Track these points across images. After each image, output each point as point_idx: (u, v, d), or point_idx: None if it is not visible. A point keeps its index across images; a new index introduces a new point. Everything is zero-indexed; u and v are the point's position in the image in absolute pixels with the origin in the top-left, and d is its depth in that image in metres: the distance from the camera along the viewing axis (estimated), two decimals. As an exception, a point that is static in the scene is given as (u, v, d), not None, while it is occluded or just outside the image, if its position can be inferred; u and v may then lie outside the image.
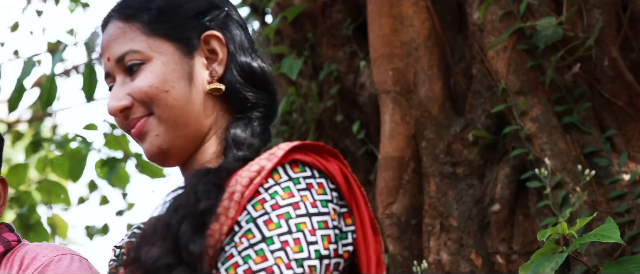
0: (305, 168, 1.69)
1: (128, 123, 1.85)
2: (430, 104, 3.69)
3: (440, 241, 3.48)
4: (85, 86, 4.24)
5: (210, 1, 1.89)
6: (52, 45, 6.50)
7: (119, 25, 1.86)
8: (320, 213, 1.65)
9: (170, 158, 1.84)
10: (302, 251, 1.62)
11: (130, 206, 6.78)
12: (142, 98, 1.81)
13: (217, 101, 1.84)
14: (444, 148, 3.61)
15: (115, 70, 1.86)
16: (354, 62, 4.18)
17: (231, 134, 1.81)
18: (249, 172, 1.68)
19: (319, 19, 4.25)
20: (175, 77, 1.81)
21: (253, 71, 1.86)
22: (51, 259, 2.18)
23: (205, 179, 1.72)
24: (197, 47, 1.84)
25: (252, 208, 1.65)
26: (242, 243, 1.62)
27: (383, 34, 3.76)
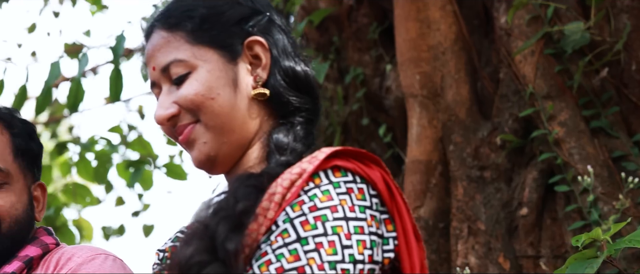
0: (347, 173, 1.71)
1: (176, 131, 1.87)
2: (457, 108, 3.72)
3: (468, 244, 3.51)
4: (112, 89, 4.29)
5: (252, 7, 1.90)
6: (69, 46, 6.57)
7: (162, 34, 1.88)
8: (358, 218, 1.66)
9: (218, 165, 1.86)
10: (336, 253, 1.63)
11: (146, 207, 6.83)
12: (188, 106, 1.83)
13: (261, 106, 1.86)
14: (471, 152, 3.64)
15: (160, 79, 1.88)
16: (380, 66, 4.21)
17: (274, 139, 1.83)
18: (290, 175, 1.70)
19: (344, 23, 4.29)
20: (220, 84, 1.83)
21: (296, 75, 1.88)
22: (85, 259, 2.23)
23: (246, 182, 1.74)
24: (241, 53, 1.86)
25: (291, 209, 1.67)
26: (277, 241, 1.65)
27: (410, 38, 3.79)
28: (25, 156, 2.37)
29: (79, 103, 4.28)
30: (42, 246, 2.32)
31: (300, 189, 1.68)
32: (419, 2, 3.80)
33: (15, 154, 2.34)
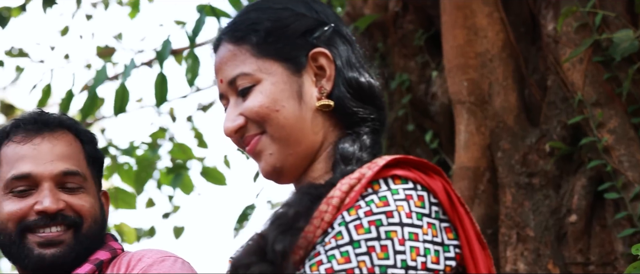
0: (408, 181, 1.74)
1: (243, 141, 1.92)
2: (505, 115, 3.77)
3: (516, 251, 3.56)
4: (157, 93, 4.36)
5: (317, 18, 1.94)
6: (101, 49, 6.66)
7: (229, 47, 1.93)
8: (414, 224, 1.70)
9: (284, 176, 1.91)
10: (387, 258, 1.67)
11: (176, 209, 6.90)
12: (254, 118, 1.88)
13: (326, 117, 1.89)
14: (519, 159, 3.69)
15: (228, 91, 1.93)
16: (425, 72, 4.27)
17: (339, 150, 1.86)
18: (349, 180, 1.75)
19: (390, 29, 4.34)
20: (284, 96, 1.87)
21: (361, 86, 1.91)
22: (155, 260, 2.31)
23: (304, 191, 1.80)
24: (305, 65, 1.89)
25: (347, 213, 1.71)
26: (330, 243, 1.70)
27: (457, 45, 3.84)
28: (95, 164, 2.49)
29: (125, 106, 4.36)
30: (110, 251, 2.42)
31: (359, 194, 1.72)
32: (466, 9, 3.85)
33: (87, 161, 2.46)
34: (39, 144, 2.41)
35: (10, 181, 2.39)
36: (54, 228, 2.37)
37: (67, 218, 2.37)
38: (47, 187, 2.37)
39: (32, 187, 2.39)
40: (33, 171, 2.38)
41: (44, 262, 2.35)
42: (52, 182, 2.38)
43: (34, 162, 2.39)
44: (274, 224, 1.76)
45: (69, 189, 2.40)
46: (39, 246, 2.36)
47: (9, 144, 2.44)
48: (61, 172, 2.39)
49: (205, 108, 7.04)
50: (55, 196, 2.37)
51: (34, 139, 2.42)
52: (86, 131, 2.52)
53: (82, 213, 2.39)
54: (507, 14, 3.92)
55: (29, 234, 2.37)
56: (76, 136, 2.47)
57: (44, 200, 2.36)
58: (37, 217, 2.36)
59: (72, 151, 2.44)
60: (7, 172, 2.40)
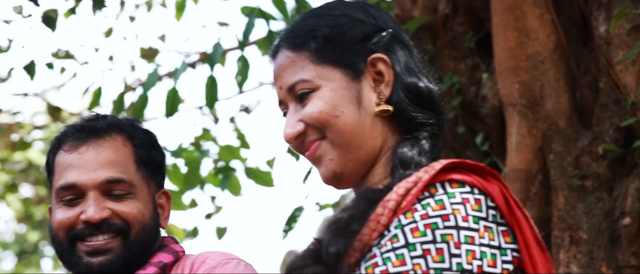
0: (465, 185, 1.76)
1: (303, 147, 1.95)
2: (557, 117, 3.78)
3: (570, 254, 3.57)
4: (207, 95, 4.42)
5: (375, 24, 1.95)
6: (144, 51, 6.73)
7: (288, 54, 1.96)
8: (470, 228, 1.71)
9: (344, 181, 1.93)
10: (443, 261, 1.69)
11: (218, 210, 6.94)
12: (314, 123, 1.90)
13: (385, 122, 1.91)
14: (572, 161, 3.70)
15: (287, 98, 1.96)
16: (475, 74, 4.28)
17: (398, 154, 1.87)
18: (406, 183, 1.77)
19: (439, 31, 4.37)
20: (344, 102, 1.89)
21: (419, 91, 1.92)
22: (219, 262, 2.34)
23: (361, 195, 1.83)
24: (364, 70, 1.91)
25: (403, 216, 1.73)
26: (386, 245, 1.72)
27: (508, 47, 3.86)
28: (148, 166, 2.47)
29: (176, 109, 4.42)
30: (173, 253, 2.45)
31: (415, 197, 1.75)
32: (517, 10, 3.87)
33: (138, 165, 2.45)
34: (84, 152, 2.43)
35: (59, 190, 2.43)
36: (100, 236, 2.39)
37: (113, 225, 2.39)
38: (92, 197, 2.39)
39: (78, 196, 2.41)
40: (78, 180, 2.40)
41: (92, 270, 2.39)
42: (97, 191, 2.40)
43: (79, 171, 2.41)
44: (329, 228, 1.79)
45: (115, 196, 2.41)
46: (87, 254, 2.39)
47: (60, 153, 2.47)
48: (105, 180, 2.40)
49: (247, 109, 7.09)
50: (100, 205, 2.39)
51: (80, 148, 2.44)
52: (142, 131, 2.52)
53: (128, 219, 2.40)
54: (558, 15, 3.93)
55: (78, 242, 2.40)
56: (128, 138, 2.48)
57: (88, 209, 2.38)
58: (84, 226, 2.39)
59: (119, 157, 2.45)
60: (57, 182, 2.44)
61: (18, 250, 13.85)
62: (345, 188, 1.96)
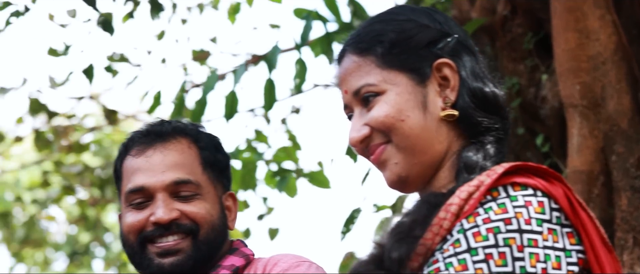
0: (527, 188, 1.76)
1: (368, 151, 1.97)
2: (619, 118, 3.78)
3: (633, 255, 3.57)
4: (266, 98, 4.47)
5: (440, 29, 1.97)
6: (196, 53, 6.80)
7: (354, 59, 1.98)
8: (533, 231, 1.72)
9: (409, 185, 1.94)
10: (505, 265, 1.69)
11: (270, 210, 6.98)
12: (379, 127, 1.92)
13: (450, 127, 1.93)
14: (634, 162, 3.69)
15: (352, 102, 1.98)
16: (535, 76, 4.29)
17: (463, 159, 1.89)
18: (468, 187, 1.78)
19: (498, 33, 4.38)
20: (409, 106, 1.91)
21: (485, 96, 1.94)
22: (291, 264, 2.39)
23: (423, 199, 1.85)
24: (430, 75, 1.93)
25: (466, 220, 1.75)
26: (449, 250, 1.74)
27: (569, 49, 3.87)
28: (214, 168, 2.53)
29: (235, 112, 4.48)
30: (244, 257, 2.49)
31: (478, 202, 1.76)
32: (577, 12, 3.88)
33: (203, 167, 2.51)
34: (151, 155, 2.49)
35: (128, 194, 2.49)
36: (170, 237, 2.44)
37: (182, 226, 2.44)
38: (160, 198, 2.44)
39: (147, 199, 2.47)
40: (146, 183, 2.46)
41: (163, 271, 2.43)
42: (165, 193, 2.45)
43: (147, 174, 2.47)
44: (391, 233, 1.81)
45: (183, 197, 2.46)
46: (158, 255, 2.43)
47: (127, 158, 2.53)
48: (173, 181, 2.46)
49: (298, 111, 7.13)
50: (169, 206, 2.44)
51: (146, 152, 2.50)
52: (206, 135, 2.57)
53: (197, 220, 2.45)
54: (619, 16, 3.92)
55: (149, 244, 2.45)
56: (193, 141, 2.53)
57: (157, 211, 2.43)
58: (154, 228, 2.43)
59: (185, 159, 2.50)
60: (125, 186, 2.50)
61: (70, 251, 14.03)
62: (410, 192, 1.97)
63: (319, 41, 4.61)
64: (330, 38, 4.48)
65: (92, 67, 5.44)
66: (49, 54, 6.04)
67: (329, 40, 4.46)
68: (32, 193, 10.41)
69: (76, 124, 7.46)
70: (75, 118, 7.36)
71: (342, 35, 4.55)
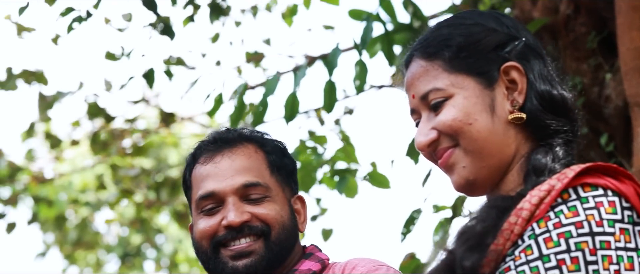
0: (598, 188, 1.78)
1: (436, 154, 1.99)
2: (685, 116, 3.77)
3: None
4: (326, 100, 4.51)
5: (508, 33, 2.00)
6: (250, 55, 6.86)
7: (421, 63, 2.01)
8: (605, 232, 1.73)
9: (477, 188, 1.97)
10: (579, 270, 1.71)
11: (323, 211, 7.01)
12: (447, 131, 1.95)
13: (518, 130, 1.95)
14: (701, 161, 3.69)
15: (420, 106, 2.01)
16: (598, 75, 4.29)
17: (532, 161, 1.90)
18: (539, 192, 1.80)
19: (561, 32, 4.38)
20: (477, 110, 1.94)
21: (553, 99, 1.97)
22: (369, 269, 2.43)
23: (491, 204, 1.87)
24: (497, 78, 1.96)
25: (536, 225, 1.76)
26: (520, 257, 1.75)
27: (635, 47, 3.86)
28: (281, 171, 2.60)
29: (295, 115, 4.52)
30: (319, 261, 2.55)
31: (549, 206, 1.77)
32: (642, 10, 3.88)
33: (271, 170, 2.57)
34: (219, 161, 2.56)
35: (199, 200, 2.55)
36: (243, 239, 2.50)
37: (254, 228, 2.50)
38: (231, 202, 2.51)
39: (218, 204, 2.53)
40: (216, 188, 2.53)
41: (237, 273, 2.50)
42: (235, 196, 2.51)
43: (216, 180, 2.54)
44: (461, 240, 1.83)
45: (253, 200, 2.52)
46: (232, 259, 2.49)
47: (196, 167, 2.60)
48: (242, 185, 2.52)
49: (351, 112, 7.16)
50: (240, 209, 2.50)
51: (214, 158, 2.57)
52: (271, 141, 2.64)
53: (268, 221, 2.51)
54: (685, 14, 3.92)
55: (222, 248, 2.50)
56: (260, 147, 2.60)
57: (229, 214, 2.49)
58: (226, 231, 2.50)
59: (252, 163, 2.57)
60: (196, 193, 2.57)
61: (121, 253, 14.18)
62: (478, 195, 2.00)
63: (377, 42, 4.63)
64: (390, 39, 4.50)
65: (152, 71, 5.52)
66: (107, 58, 6.13)
67: (389, 41, 4.48)
68: (84, 196, 10.56)
69: (132, 127, 7.56)
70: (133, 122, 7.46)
71: (401, 36, 4.59)
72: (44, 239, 13.46)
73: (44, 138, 8.03)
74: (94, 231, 12.19)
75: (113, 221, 11.42)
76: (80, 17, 5.05)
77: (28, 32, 6.64)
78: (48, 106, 6.88)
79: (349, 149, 5.26)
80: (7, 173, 7.95)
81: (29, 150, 8.60)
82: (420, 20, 4.65)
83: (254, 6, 7.03)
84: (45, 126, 7.95)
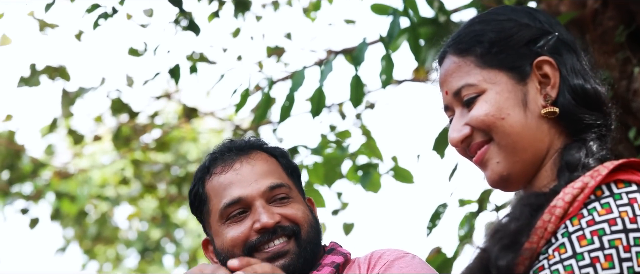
0: (631, 184, 1.79)
1: (469, 150, 2.01)
2: None
3: None
4: (353, 94, 4.52)
5: (540, 28, 2.02)
6: (271, 50, 6.87)
7: (454, 60, 2.03)
8: (639, 229, 1.74)
9: (511, 184, 1.98)
10: (613, 267, 1.72)
11: (344, 206, 7.02)
12: (480, 126, 1.96)
13: (552, 124, 1.96)
14: None
15: (453, 103, 2.03)
16: (626, 69, 4.29)
17: (565, 157, 1.92)
18: (572, 189, 1.81)
19: (589, 26, 4.38)
20: (509, 104, 1.95)
21: (586, 93, 1.97)
22: (396, 257, 2.47)
23: (524, 201, 1.88)
24: (530, 73, 1.97)
25: (570, 223, 1.78)
26: (554, 256, 1.76)
27: (663, 41, 3.86)
28: (294, 174, 2.66)
29: (321, 109, 4.53)
30: (342, 255, 2.59)
31: (582, 203, 1.78)
32: (671, 3, 3.87)
33: (287, 172, 2.63)
34: (240, 168, 2.58)
35: (224, 209, 2.56)
36: (276, 241, 2.52)
37: (286, 228, 2.52)
38: (260, 205, 2.53)
39: (245, 209, 2.55)
40: (242, 194, 2.55)
41: None
42: (262, 200, 2.54)
43: (241, 186, 2.56)
44: (495, 238, 1.84)
45: (278, 201, 2.56)
46: (268, 261, 2.47)
47: (212, 178, 2.62)
48: (268, 187, 2.55)
49: (372, 106, 7.17)
50: (269, 211, 2.53)
51: (234, 166, 2.59)
52: (276, 147, 2.69)
53: (297, 220, 2.54)
54: None
55: (256, 253, 2.51)
56: (269, 153, 2.64)
57: (261, 217, 2.51)
58: (259, 235, 2.52)
59: (270, 166, 2.60)
60: (219, 203, 2.58)
61: (141, 248, 14.22)
62: (512, 190, 2.01)
63: (400, 36, 4.63)
64: (415, 33, 4.50)
65: (178, 67, 5.54)
66: (130, 54, 6.16)
67: (415, 35, 4.48)
68: (103, 191, 10.62)
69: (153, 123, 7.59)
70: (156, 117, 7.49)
71: (425, 30, 4.59)
72: (63, 234, 13.51)
73: (66, 134, 8.06)
74: (113, 226, 12.23)
75: (133, 216, 11.45)
76: (106, 13, 5.07)
77: (51, 29, 6.68)
78: (71, 101, 6.92)
79: (372, 143, 5.28)
80: (30, 169, 7.99)
81: (49, 145, 8.65)
82: (445, 15, 4.65)
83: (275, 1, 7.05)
84: (67, 122, 7.99)
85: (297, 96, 4.64)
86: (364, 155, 5.35)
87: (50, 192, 8.86)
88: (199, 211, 2.66)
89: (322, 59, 6.49)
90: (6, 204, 8.40)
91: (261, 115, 4.73)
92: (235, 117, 8.62)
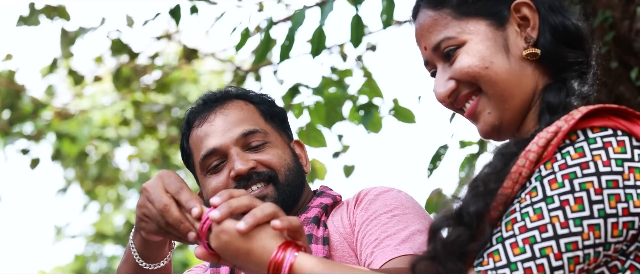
0: (607, 129, 1.78)
1: (457, 103, 2.02)
2: None
3: None
4: (353, 34, 4.51)
5: None
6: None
7: (429, 13, 2.02)
8: (612, 171, 1.73)
9: (503, 132, 2.00)
10: (583, 210, 1.71)
11: (345, 149, 7.03)
12: (465, 78, 1.97)
13: (535, 66, 1.96)
14: None
15: (433, 58, 2.03)
16: (629, 8, 4.29)
17: (545, 99, 1.93)
18: (546, 133, 1.81)
19: (592, -33, 4.36)
20: (492, 52, 1.94)
21: (567, 30, 1.97)
22: (381, 191, 2.55)
23: (503, 149, 1.87)
24: (508, 17, 1.97)
25: (543, 167, 1.77)
26: (525, 200, 1.76)
27: (666, -20, 3.85)
28: (275, 118, 2.74)
29: (322, 49, 4.52)
30: (331, 197, 2.67)
31: (556, 147, 1.78)
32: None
33: (265, 118, 2.71)
34: (214, 119, 2.67)
35: (202, 161, 2.65)
36: (253, 186, 2.60)
37: (261, 173, 2.61)
38: (234, 153, 2.61)
39: (222, 159, 2.63)
40: (216, 144, 2.63)
41: None
42: (237, 147, 2.62)
43: (215, 136, 2.64)
44: (469, 188, 1.85)
45: (254, 147, 2.63)
46: None
47: (192, 132, 2.72)
48: (241, 134, 2.63)
49: (374, 48, 7.15)
50: (244, 158, 2.60)
51: (208, 118, 2.68)
52: (256, 95, 2.76)
53: (273, 165, 2.62)
54: None
55: None
56: (248, 101, 2.71)
57: (235, 164, 2.59)
58: (236, 183, 2.60)
59: (245, 114, 2.68)
60: (198, 156, 2.67)
61: (141, 189, 14.28)
62: (504, 139, 2.01)
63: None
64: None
65: (178, 7, 5.51)
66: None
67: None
68: (104, 131, 10.64)
69: (153, 63, 7.57)
70: (157, 58, 7.47)
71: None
72: (64, 175, 13.58)
73: (66, 74, 8.05)
74: (114, 167, 12.26)
75: (134, 157, 11.48)
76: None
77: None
78: (70, 41, 6.90)
79: (373, 83, 5.28)
80: (30, 109, 8.00)
81: (49, 86, 8.63)
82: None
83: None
84: (67, 62, 7.97)
85: (298, 37, 4.62)
86: (365, 95, 5.36)
87: (51, 133, 8.89)
88: (188, 165, 2.76)
89: (324, 0, 6.45)
90: (7, 144, 8.41)
91: (261, 56, 4.73)
92: (235, 58, 8.61)
